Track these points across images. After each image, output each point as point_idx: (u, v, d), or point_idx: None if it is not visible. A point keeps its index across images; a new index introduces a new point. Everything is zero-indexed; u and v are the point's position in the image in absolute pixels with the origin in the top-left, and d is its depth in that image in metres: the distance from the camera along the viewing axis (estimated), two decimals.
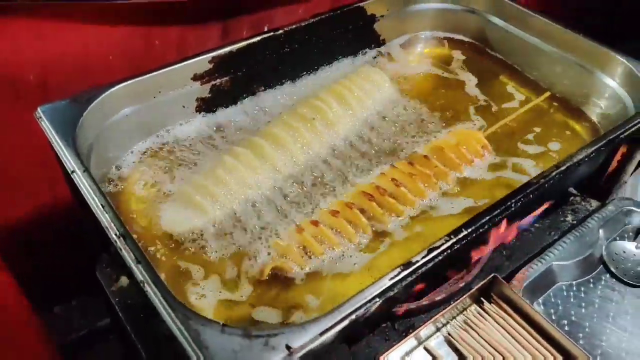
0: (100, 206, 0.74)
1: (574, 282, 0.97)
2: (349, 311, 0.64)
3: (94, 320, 1.47)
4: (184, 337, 0.61)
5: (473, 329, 0.85)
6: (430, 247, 0.72)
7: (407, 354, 0.82)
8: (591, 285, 0.97)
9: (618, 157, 1.04)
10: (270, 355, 0.60)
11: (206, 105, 1.08)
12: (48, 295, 1.40)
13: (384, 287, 0.67)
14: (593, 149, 0.90)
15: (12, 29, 1.01)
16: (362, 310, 0.65)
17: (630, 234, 1.05)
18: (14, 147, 1.14)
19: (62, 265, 1.30)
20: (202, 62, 1.04)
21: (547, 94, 1.19)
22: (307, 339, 0.61)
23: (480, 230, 0.76)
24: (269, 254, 0.88)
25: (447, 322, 0.86)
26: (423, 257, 0.71)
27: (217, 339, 0.60)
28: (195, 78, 1.04)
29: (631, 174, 1.08)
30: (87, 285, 1.15)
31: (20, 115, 1.07)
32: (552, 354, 0.80)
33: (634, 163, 1.06)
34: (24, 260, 1.29)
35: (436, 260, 0.72)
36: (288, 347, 0.60)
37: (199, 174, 0.98)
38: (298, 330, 0.62)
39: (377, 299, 0.66)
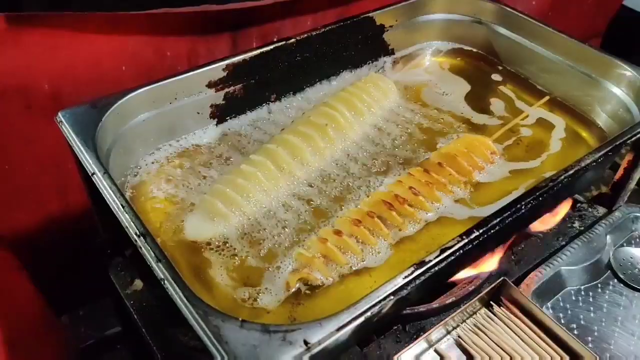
0: (121, 206, 0.75)
1: (582, 287, 0.98)
2: (365, 308, 0.66)
3: (102, 329, 1.48)
4: (204, 333, 0.62)
5: (483, 332, 0.86)
6: (443, 247, 0.74)
7: (418, 356, 0.84)
8: (599, 290, 0.98)
9: (624, 164, 1.06)
10: (288, 350, 0.61)
11: (220, 112, 1.11)
12: (55, 304, 1.40)
13: (397, 286, 0.69)
14: (600, 154, 0.91)
15: (25, 39, 1.02)
16: (377, 308, 0.67)
17: (637, 240, 1.06)
18: (24, 156, 1.15)
19: (69, 274, 1.30)
20: (216, 70, 1.06)
21: (547, 97, 1.22)
22: (324, 334, 0.63)
23: (492, 231, 0.78)
24: (293, 261, 0.88)
25: (457, 325, 0.87)
26: (436, 257, 0.72)
27: (236, 334, 0.62)
28: (210, 85, 1.07)
29: (638, 181, 1.10)
30: (94, 294, 1.15)
31: (31, 124, 1.09)
32: (561, 356, 0.81)
33: None
34: (31, 269, 1.29)
35: (449, 259, 0.73)
36: (306, 342, 0.61)
37: (219, 183, 0.99)
38: (315, 326, 0.63)
39: (392, 297, 0.68)
